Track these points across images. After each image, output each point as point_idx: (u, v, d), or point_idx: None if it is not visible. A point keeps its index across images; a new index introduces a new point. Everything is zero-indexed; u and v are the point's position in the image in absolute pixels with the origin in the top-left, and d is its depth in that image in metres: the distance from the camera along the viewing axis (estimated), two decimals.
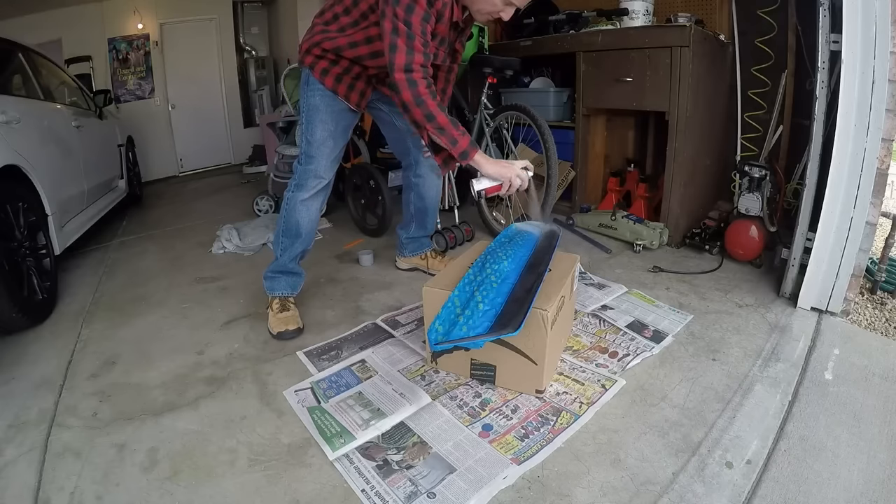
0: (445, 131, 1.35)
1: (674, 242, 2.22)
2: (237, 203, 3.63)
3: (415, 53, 1.29)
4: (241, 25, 5.60)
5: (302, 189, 1.60)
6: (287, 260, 1.67)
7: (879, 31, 1.38)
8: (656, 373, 1.34)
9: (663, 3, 2.45)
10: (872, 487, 0.96)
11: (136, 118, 4.75)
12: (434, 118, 1.33)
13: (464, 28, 1.57)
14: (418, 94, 1.31)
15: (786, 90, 2.28)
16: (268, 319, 1.67)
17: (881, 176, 1.46)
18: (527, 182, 1.42)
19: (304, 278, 1.76)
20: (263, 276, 1.71)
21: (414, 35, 1.28)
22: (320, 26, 1.52)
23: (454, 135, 1.35)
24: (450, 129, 1.35)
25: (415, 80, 1.30)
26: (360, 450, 1.10)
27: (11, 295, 1.66)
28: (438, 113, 1.33)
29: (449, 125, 1.35)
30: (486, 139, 2.33)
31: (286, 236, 1.65)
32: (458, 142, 1.36)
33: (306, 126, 1.58)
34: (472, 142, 1.39)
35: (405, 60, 1.29)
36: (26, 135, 2.03)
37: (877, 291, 1.78)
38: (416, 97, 1.31)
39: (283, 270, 1.69)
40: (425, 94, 1.31)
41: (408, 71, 1.30)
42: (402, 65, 1.29)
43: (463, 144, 1.36)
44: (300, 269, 1.74)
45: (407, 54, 1.29)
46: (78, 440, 1.19)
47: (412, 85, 1.30)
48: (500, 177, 1.38)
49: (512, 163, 1.40)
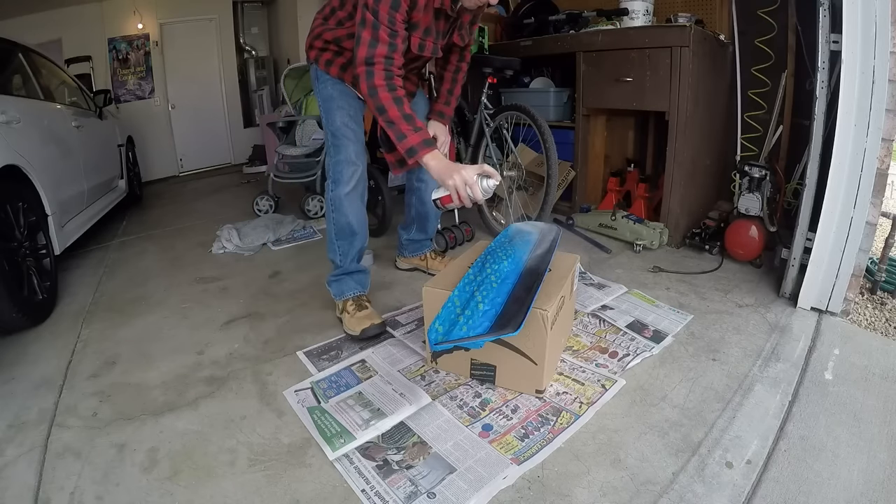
0: (394, 125, 1.28)
1: (674, 242, 2.22)
2: (237, 203, 3.63)
3: (378, 45, 1.26)
4: (241, 25, 5.61)
5: (340, 183, 1.54)
6: (348, 262, 1.62)
7: (879, 31, 1.38)
8: (656, 373, 1.34)
9: (663, 3, 2.45)
10: (872, 487, 0.96)
11: (136, 118, 4.75)
12: (385, 111, 1.28)
13: (458, 18, 1.48)
14: (373, 84, 1.27)
15: (786, 90, 2.28)
16: (343, 323, 1.60)
17: (881, 176, 1.46)
18: (479, 194, 1.23)
19: (370, 276, 1.70)
20: (327, 283, 1.67)
21: (379, 24, 1.25)
22: (320, 20, 1.54)
23: (402, 129, 1.28)
24: (399, 124, 1.28)
25: (372, 71, 1.27)
26: (360, 450, 1.10)
27: (11, 295, 1.66)
28: (391, 106, 1.27)
29: (400, 120, 1.28)
30: (486, 139, 2.33)
31: (341, 239, 1.59)
32: (407, 137, 1.28)
33: (326, 118, 1.56)
34: (427, 141, 1.29)
35: (366, 53, 1.27)
36: (26, 135, 2.03)
37: (877, 291, 1.78)
38: (370, 88, 1.27)
39: (347, 272, 1.64)
40: (380, 86, 1.27)
41: (368, 63, 1.27)
42: (364, 57, 1.27)
43: (411, 141, 1.28)
44: (363, 267, 1.69)
45: (369, 46, 1.26)
46: (78, 440, 1.19)
47: (369, 77, 1.27)
48: (442, 184, 1.26)
49: (463, 168, 1.24)
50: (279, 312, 1.81)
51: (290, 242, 2.59)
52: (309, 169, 2.97)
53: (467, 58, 1.70)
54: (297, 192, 3.28)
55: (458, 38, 1.55)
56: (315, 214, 3.00)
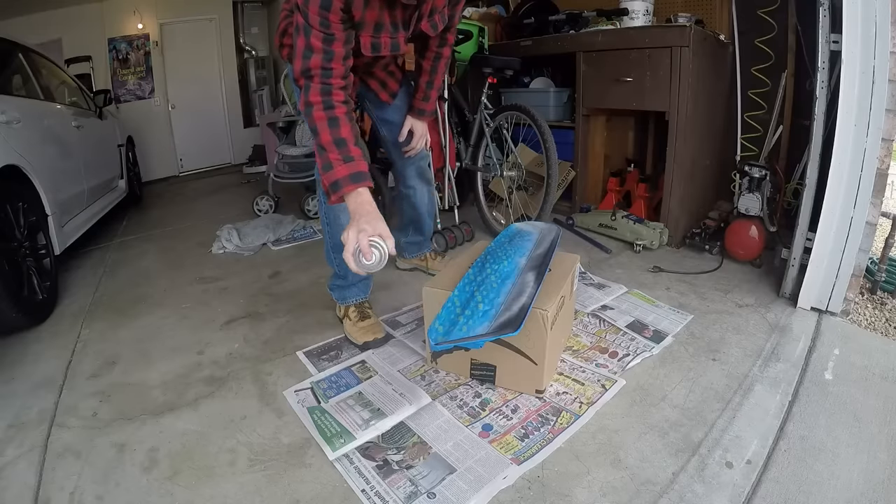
0: (324, 152, 1.11)
1: (674, 242, 2.22)
2: (237, 203, 3.63)
3: (312, 55, 1.10)
4: (241, 25, 5.61)
5: None
6: (350, 275, 1.54)
7: (879, 31, 1.38)
8: (656, 373, 1.34)
9: (663, 3, 2.45)
10: (872, 487, 0.96)
11: (136, 118, 4.76)
12: (317, 133, 1.12)
13: (420, 6, 1.23)
14: (307, 101, 1.12)
15: (786, 90, 2.28)
16: (345, 327, 1.58)
17: (881, 176, 1.46)
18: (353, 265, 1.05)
19: (372, 279, 1.64)
20: (329, 288, 1.62)
21: (311, 29, 1.08)
22: (286, 12, 1.39)
23: (330, 158, 1.10)
24: (329, 151, 1.10)
25: (309, 85, 1.12)
26: (360, 450, 1.10)
27: (11, 295, 1.66)
28: (323, 129, 1.11)
29: (331, 145, 1.10)
30: (486, 139, 2.33)
31: (338, 252, 1.47)
32: (333, 168, 1.10)
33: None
34: (356, 175, 1.10)
35: (301, 66, 1.11)
36: (26, 135, 2.03)
37: (877, 291, 1.78)
38: (305, 106, 1.12)
39: (350, 283, 1.59)
40: (314, 103, 1.11)
41: (306, 77, 1.12)
42: (300, 70, 1.12)
43: (338, 173, 1.10)
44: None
45: (304, 58, 1.10)
46: (78, 440, 1.19)
47: (305, 91, 1.12)
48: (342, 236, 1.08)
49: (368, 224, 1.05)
50: (279, 312, 1.81)
51: (290, 242, 2.59)
52: (309, 169, 2.96)
53: (450, 41, 1.50)
54: (297, 192, 3.28)
55: (427, 26, 1.30)
56: (315, 214, 2.99)
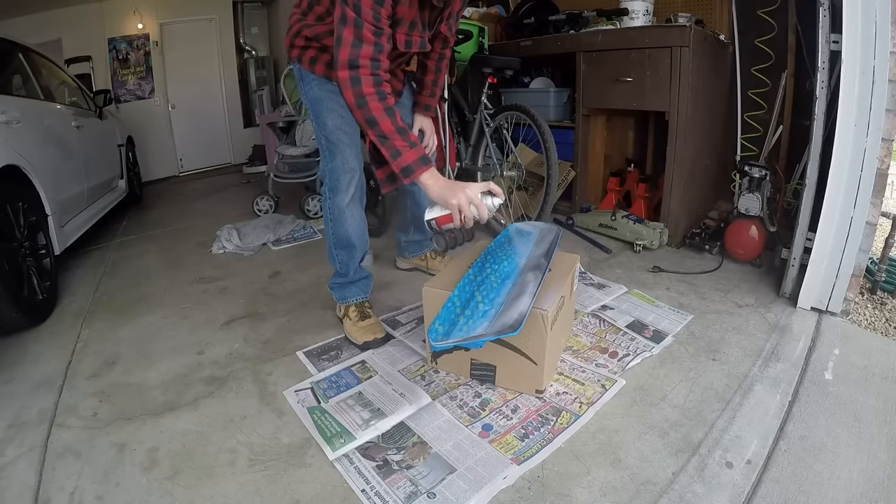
0: (388, 141, 1.16)
1: (674, 242, 2.22)
2: (237, 203, 3.63)
3: (363, 45, 1.12)
4: (241, 25, 5.61)
5: (338, 191, 1.46)
6: (351, 272, 1.58)
7: (879, 31, 1.38)
8: (656, 373, 1.34)
9: (663, 3, 2.45)
10: (872, 487, 0.96)
11: (136, 118, 4.76)
12: (376, 124, 1.15)
13: (445, 9, 1.35)
14: (360, 94, 1.14)
15: (786, 90, 2.28)
16: (345, 327, 1.59)
17: (881, 176, 1.46)
18: (484, 212, 1.18)
19: (372, 278, 1.67)
20: (329, 287, 1.63)
21: (363, 22, 1.11)
22: (297, 16, 1.42)
23: (397, 146, 1.16)
24: (394, 139, 1.16)
25: (359, 77, 1.13)
26: (360, 450, 1.10)
27: (11, 295, 1.66)
28: (383, 118, 1.15)
29: (394, 134, 1.16)
30: (486, 139, 2.33)
31: (340, 249, 1.54)
32: (402, 155, 1.17)
33: (316, 121, 1.46)
34: (424, 158, 1.19)
35: (349, 55, 1.12)
36: (26, 135, 2.03)
37: (877, 291, 1.78)
38: (357, 98, 1.14)
39: (351, 281, 1.60)
40: (369, 95, 1.14)
41: (352, 67, 1.13)
42: (346, 60, 1.13)
43: (408, 159, 1.17)
44: (366, 272, 1.64)
45: (353, 47, 1.12)
46: (78, 440, 1.19)
47: (355, 83, 1.14)
48: (444, 204, 1.18)
49: (466, 186, 1.17)
50: (279, 312, 1.81)
51: (290, 242, 2.59)
52: (309, 169, 2.97)
53: (451, 43, 1.59)
54: (297, 192, 3.28)
55: (445, 28, 1.42)
56: (315, 214, 2.99)
